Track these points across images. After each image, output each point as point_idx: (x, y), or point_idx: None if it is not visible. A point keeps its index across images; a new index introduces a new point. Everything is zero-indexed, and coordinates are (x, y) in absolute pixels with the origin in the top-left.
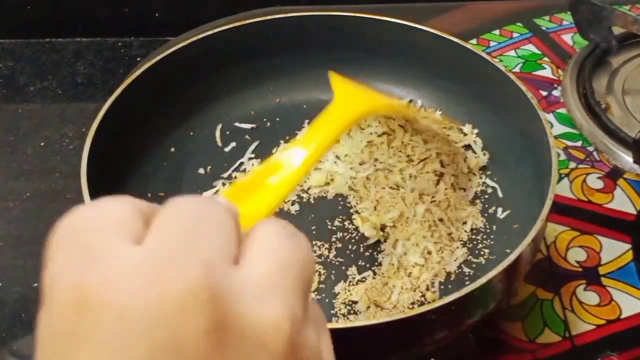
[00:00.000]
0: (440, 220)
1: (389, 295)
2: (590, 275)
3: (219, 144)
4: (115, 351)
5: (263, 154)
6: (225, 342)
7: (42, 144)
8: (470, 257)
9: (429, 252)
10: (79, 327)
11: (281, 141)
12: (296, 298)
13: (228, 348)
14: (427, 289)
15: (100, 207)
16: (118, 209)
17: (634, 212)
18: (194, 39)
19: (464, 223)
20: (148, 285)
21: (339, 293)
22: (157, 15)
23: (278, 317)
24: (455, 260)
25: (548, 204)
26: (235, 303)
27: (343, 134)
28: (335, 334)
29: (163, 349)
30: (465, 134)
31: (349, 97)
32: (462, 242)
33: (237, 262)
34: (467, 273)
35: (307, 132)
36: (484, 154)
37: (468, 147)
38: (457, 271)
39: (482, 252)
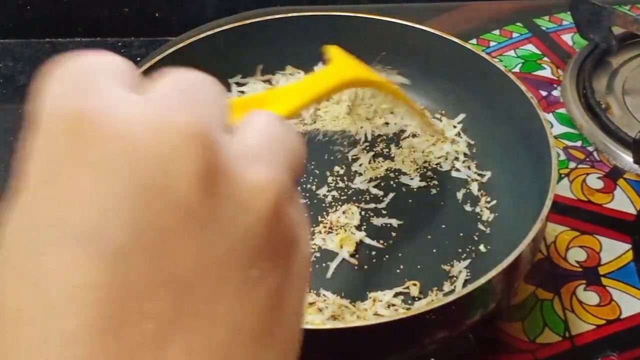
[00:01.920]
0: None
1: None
2: (590, 275)
3: None
4: (101, 178)
5: None
6: (212, 194)
7: None
8: (470, 258)
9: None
10: (68, 151)
11: None
12: (284, 172)
13: (213, 200)
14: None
15: (100, 55)
16: (118, 60)
17: (634, 212)
18: (194, 39)
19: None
20: (145, 123)
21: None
22: (157, 15)
23: (265, 180)
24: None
25: (548, 204)
26: (226, 160)
27: (333, 93)
28: (336, 334)
29: (150, 186)
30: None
31: (346, 62)
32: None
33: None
34: (466, 273)
35: (304, 81)
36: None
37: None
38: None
39: (481, 252)
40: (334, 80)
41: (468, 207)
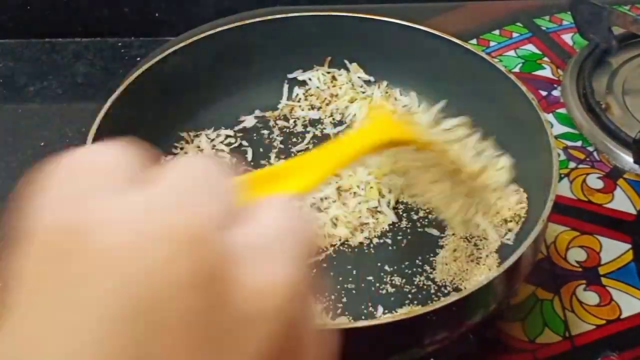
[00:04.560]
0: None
1: None
2: (590, 275)
3: (221, 143)
4: (89, 299)
5: (266, 153)
6: (212, 305)
7: (42, 144)
8: (471, 257)
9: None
10: (57, 270)
11: (283, 140)
12: (295, 269)
13: (215, 312)
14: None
15: (100, 149)
16: (118, 153)
17: (634, 212)
18: (194, 39)
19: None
20: (139, 233)
21: None
22: (157, 15)
23: (273, 283)
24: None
25: (549, 205)
26: (228, 265)
27: (366, 156)
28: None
29: (141, 306)
30: None
31: (382, 123)
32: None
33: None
34: None
35: (331, 146)
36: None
37: None
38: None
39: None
40: (360, 145)
41: None
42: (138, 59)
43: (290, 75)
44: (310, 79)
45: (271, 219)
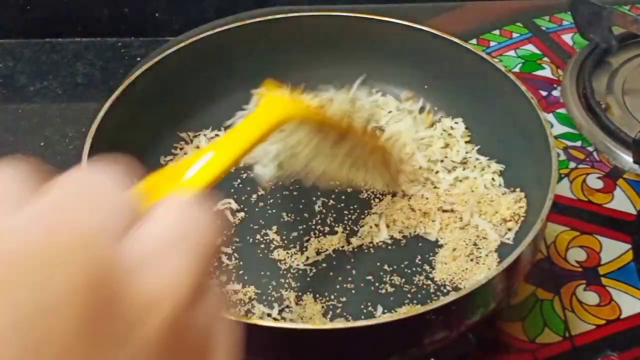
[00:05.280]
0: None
1: None
2: (590, 275)
3: None
4: None
5: None
6: (97, 316)
7: (42, 144)
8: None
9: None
10: None
11: None
12: (188, 272)
13: (101, 322)
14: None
15: None
16: (5, 178)
17: (634, 212)
18: (194, 39)
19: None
20: (24, 241)
21: None
22: (157, 15)
23: (158, 291)
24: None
25: (548, 204)
26: (117, 268)
27: (263, 139)
28: (336, 334)
29: (27, 317)
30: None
31: (272, 102)
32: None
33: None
34: None
35: (226, 136)
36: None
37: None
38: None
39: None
40: (260, 127)
41: None
42: (138, 59)
43: None
44: None
45: (167, 220)
